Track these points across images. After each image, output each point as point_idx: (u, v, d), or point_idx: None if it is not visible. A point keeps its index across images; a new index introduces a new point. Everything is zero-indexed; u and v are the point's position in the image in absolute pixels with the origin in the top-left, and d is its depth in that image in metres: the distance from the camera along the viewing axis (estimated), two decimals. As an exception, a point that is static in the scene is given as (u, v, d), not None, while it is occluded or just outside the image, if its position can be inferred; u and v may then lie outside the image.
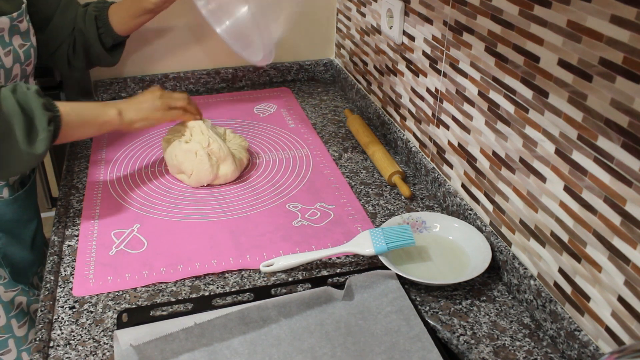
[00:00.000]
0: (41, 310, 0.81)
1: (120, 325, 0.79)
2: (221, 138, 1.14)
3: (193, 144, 1.07)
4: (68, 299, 0.84)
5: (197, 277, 0.88)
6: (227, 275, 0.89)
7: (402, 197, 1.08)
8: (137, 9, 1.13)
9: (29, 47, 0.99)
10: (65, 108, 0.91)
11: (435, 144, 1.09)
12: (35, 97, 0.86)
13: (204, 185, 1.10)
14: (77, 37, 1.14)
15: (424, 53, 1.08)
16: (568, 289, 0.77)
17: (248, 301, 0.83)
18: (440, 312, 0.83)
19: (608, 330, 0.70)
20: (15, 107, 0.84)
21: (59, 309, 0.82)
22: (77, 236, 0.96)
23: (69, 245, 0.95)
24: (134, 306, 0.82)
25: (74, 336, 0.78)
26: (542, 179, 0.79)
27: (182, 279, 0.88)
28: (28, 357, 1.07)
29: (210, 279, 0.88)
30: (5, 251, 1.04)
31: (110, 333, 0.78)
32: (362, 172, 1.16)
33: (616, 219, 0.67)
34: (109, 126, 0.98)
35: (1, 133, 0.83)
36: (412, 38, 1.13)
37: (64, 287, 0.86)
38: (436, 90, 1.06)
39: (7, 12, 0.94)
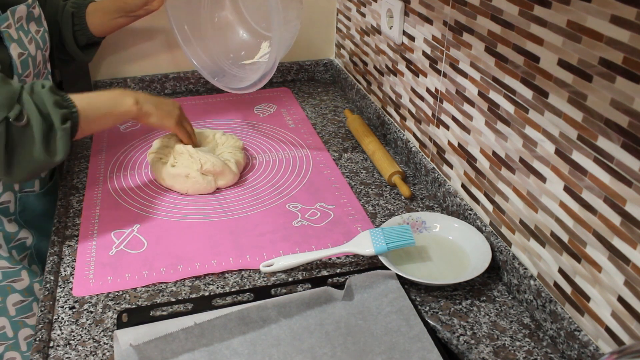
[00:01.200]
0: (41, 311, 0.81)
1: (120, 325, 0.79)
2: (212, 144, 1.13)
3: (181, 168, 1.05)
4: (68, 299, 0.84)
5: (197, 277, 0.88)
6: (227, 275, 0.89)
7: (402, 197, 1.08)
8: (114, 8, 1.13)
9: (43, 32, 1.01)
10: (82, 102, 0.89)
11: (435, 144, 1.09)
12: (49, 95, 0.84)
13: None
14: (56, 31, 1.13)
15: (424, 53, 1.08)
16: (568, 289, 0.77)
17: (248, 301, 0.83)
18: (440, 312, 0.83)
19: (608, 330, 0.70)
20: (34, 110, 0.82)
21: (59, 309, 0.82)
22: (77, 236, 0.96)
23: (69, 245, 0.95)
24: (134, 306, 0.82)
25: (74, 336, 0.78)
26: (542, 179, 0.79)
27: (182, 279, 0.88)
28: None
29: (210, 279, 0.88)
30: (38, 247, 1.05)
31: (110, 333, 0.78)
32: (362, 172, 1.16)
33: (616, 219, 0.67)
34: (126, 116, 0.97)
35: (23, 136, 0.82)
36: (412, 38, 1.13)
37: (64, 287, 0.86)
38: (436, 90, 1.06)
39: None
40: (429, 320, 0.81)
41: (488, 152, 0.91)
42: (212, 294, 0.85)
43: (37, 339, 0.77)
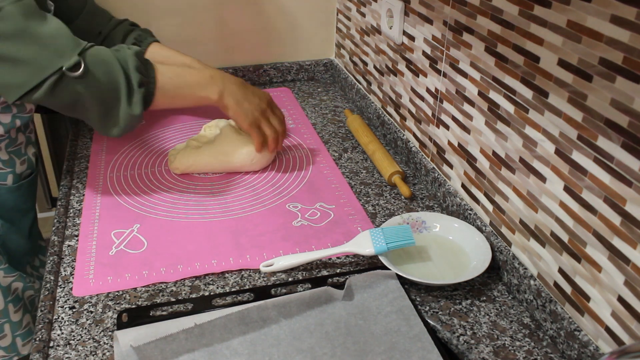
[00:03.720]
0: (41, 310, 0.81)
1: (120, 325, 0.79)
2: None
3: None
4: (68, 299, 0.84)
5: (197, 277, 0.88)
6: (227, 275, 0.89)
7: (402, 197, 1.08)
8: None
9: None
10: (164, 76, 0.92)
11: (435, 144, 1.09)
12: (133, 58, 0.88)
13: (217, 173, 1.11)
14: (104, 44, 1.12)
15: (424, 53, 1.08)
16: (568, 289, 0.77)
17: (248, 301, 0.83)
18: (440, 312, 0.83)
19: (608, 330, 0.70)
20: (118, 66, 0.86)
21: (59, 309, 0.82)
22: (77, 236, 0.96)
23: (69, 245, 0.95)
24: (134, 306, 0.82)
25: (74, 336, 0.78)
26: (542, 179, 0.79)
27: (182, 279, 0.88)
28: (22, 342, 1.10)
29: (210, 279, 0.88)
30: (4, 238, 1.06)
31: (110, 333, 0.78)
32: (362, 172, 1.16)
33: (616, 219, 0.67)
34: (205, 102, 0.99)
35: (111, 90, 0.86)
36: (412, 38, 1.13)
37: (64, 287, 0.86)
38: (436, 90, 1.06)
39: None
40: (429, 320, 0.81)
41: (488, 152, 0.91)
42: (212, 294, 0.85)
43: (37, 339, 0.77)
